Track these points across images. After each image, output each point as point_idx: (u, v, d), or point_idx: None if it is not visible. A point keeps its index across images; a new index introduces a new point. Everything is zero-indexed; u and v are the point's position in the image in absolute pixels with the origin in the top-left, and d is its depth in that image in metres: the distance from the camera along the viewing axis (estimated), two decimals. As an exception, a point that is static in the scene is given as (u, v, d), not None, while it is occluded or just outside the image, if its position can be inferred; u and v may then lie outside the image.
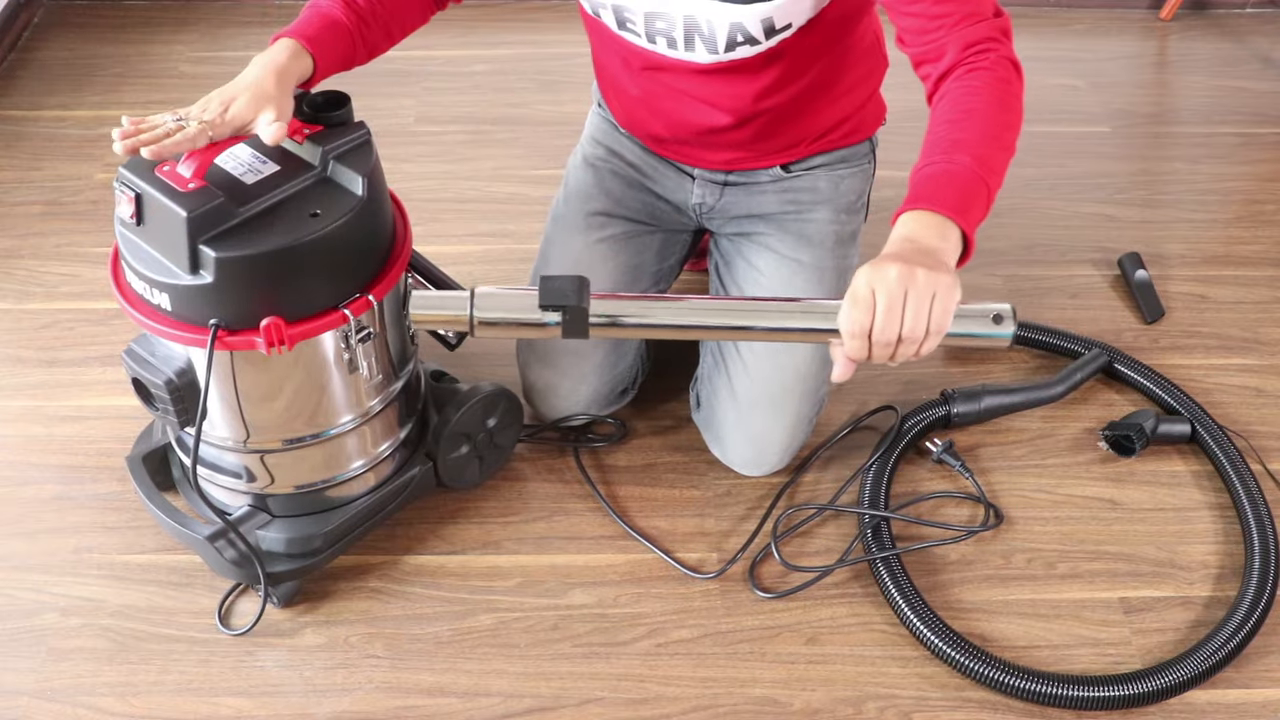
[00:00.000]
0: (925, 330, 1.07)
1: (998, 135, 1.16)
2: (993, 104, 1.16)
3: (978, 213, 1.13)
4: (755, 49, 1.30)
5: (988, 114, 1.16)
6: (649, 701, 1.37)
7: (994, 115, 1.16)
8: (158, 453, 1.49)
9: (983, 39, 1.19)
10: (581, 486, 1.61)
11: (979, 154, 1.14)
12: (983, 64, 1.18)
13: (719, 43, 1.29)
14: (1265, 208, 2.15)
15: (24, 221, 2.04)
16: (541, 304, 1.18)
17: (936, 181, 1.13)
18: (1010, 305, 1.17)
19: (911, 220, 1.12)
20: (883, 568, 1.47)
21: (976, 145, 1.14)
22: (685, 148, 1.53)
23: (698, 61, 1.33)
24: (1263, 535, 1.51)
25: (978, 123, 1.16)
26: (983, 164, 1.14)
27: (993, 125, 1.16)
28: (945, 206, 1.11)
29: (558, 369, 1.58)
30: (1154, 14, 2.71)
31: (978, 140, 1.15)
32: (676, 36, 1.31)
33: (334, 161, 1.24)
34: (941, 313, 1.07)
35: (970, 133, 1.15)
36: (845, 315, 1.09)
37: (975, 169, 1.13)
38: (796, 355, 1.51)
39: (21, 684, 1.37)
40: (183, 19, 2.60)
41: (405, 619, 1.45)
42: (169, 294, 1.19)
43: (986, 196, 1.14)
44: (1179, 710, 1.37)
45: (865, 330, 1.08)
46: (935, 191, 1.12)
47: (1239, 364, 1.81)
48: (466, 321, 1.23)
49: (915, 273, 1.06)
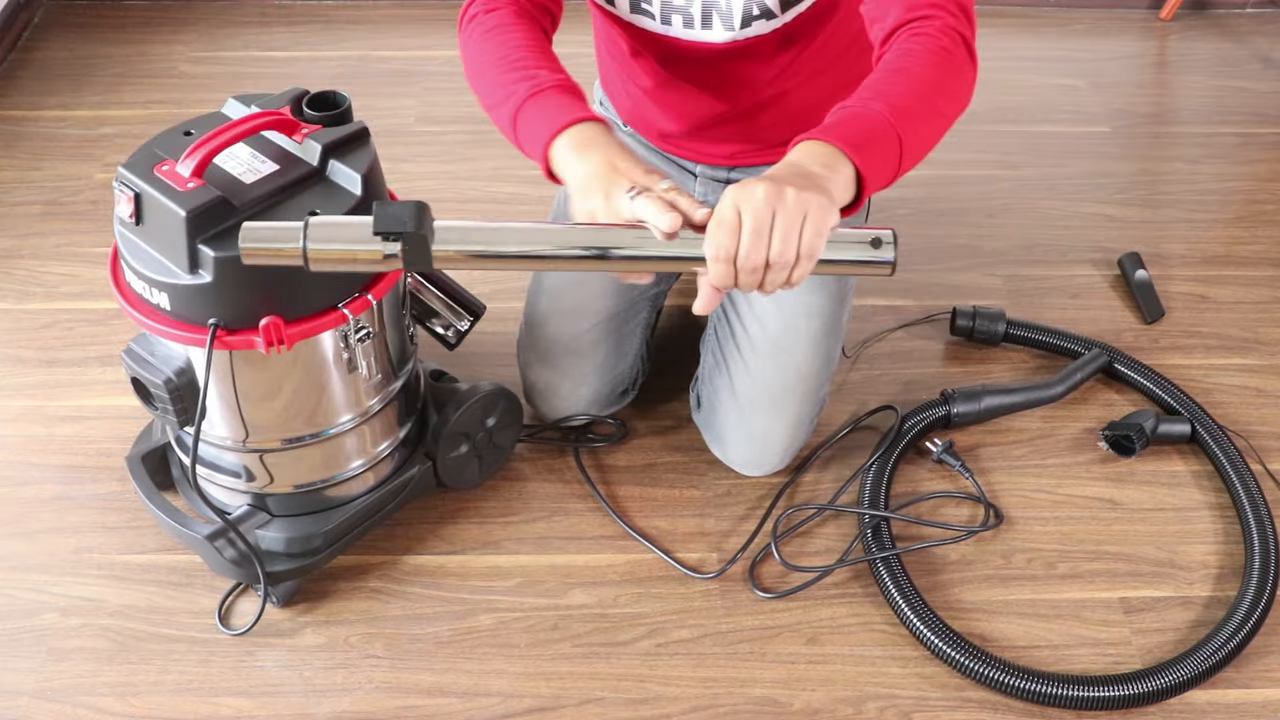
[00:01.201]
0: (795, 254, 0.99)
1: (924, 95, 1.10)
2: (927, 66, 1.10)
3: (879, 158, 1.06)
4: (771, 24, 1.29)
5: (918, 74, 1.10)
6: (649, 701, 1.37)
7: (925, 76, 1.10)
8: (157, 452, 1.49)
9: (932, 5, 1.14)
10: (581, 486, 1.61)
11: (897, 105, 1.07)
12: (927, 29, 1.13)
13: (735, 17, 1.29)
14: (1265, 208, 2.15)
15: (24, 221, 2.04)
16: (376, 230, 1.01)
17: (841, 120, 1.07)
18: (891, 230, 1.05)
19: (800, 149, 1.05)
20: (883, 568, 1.47)
21: (897, 98, 1.08)
22: (689, 141, 1.52)
23: (713, 41, 1.32)
24: (1263, 535, 1.51)
25: (905, 80, 1.10)
26: (898, 114, 1.07)
27: (921, 84, 1.10)
28: (840, 140, 1.04)
29: (558, 369, 1.58)
30: (1154, 14, 2.71)
31: (900, 94, 1.08)
32: (694, 13, 1.30)
33: (333, 161, 1.24)
34: (813, 235, 0.98)
35: (895, 87, 1.09)
36: (709, 239, 1.00)
37: (887, 116, 1.06)
38: (798, 355, 1.51)
39: (21, 684, 1.37)
40: (183, 19, 2.60)
41: (405, 619, 1.45)
42: (168, 293, 1.19)
43: (896, 148, 1.07)
44: (1179, 710, 1.37)
45: (730, 255, 0.99)
46: (835, 127, 1.06)
47: (1239, 364, 1.81)
48: (299, 254, 1.04)
49: (784, 192, 0.98)
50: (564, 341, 1.57)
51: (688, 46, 1.35)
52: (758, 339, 1.52)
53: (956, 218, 2.09)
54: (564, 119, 1.13)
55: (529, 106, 1.17)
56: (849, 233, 1.04)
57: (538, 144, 1.15)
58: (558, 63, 1.23)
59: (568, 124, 1.13)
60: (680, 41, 1.34)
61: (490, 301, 1.52)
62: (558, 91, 1.17)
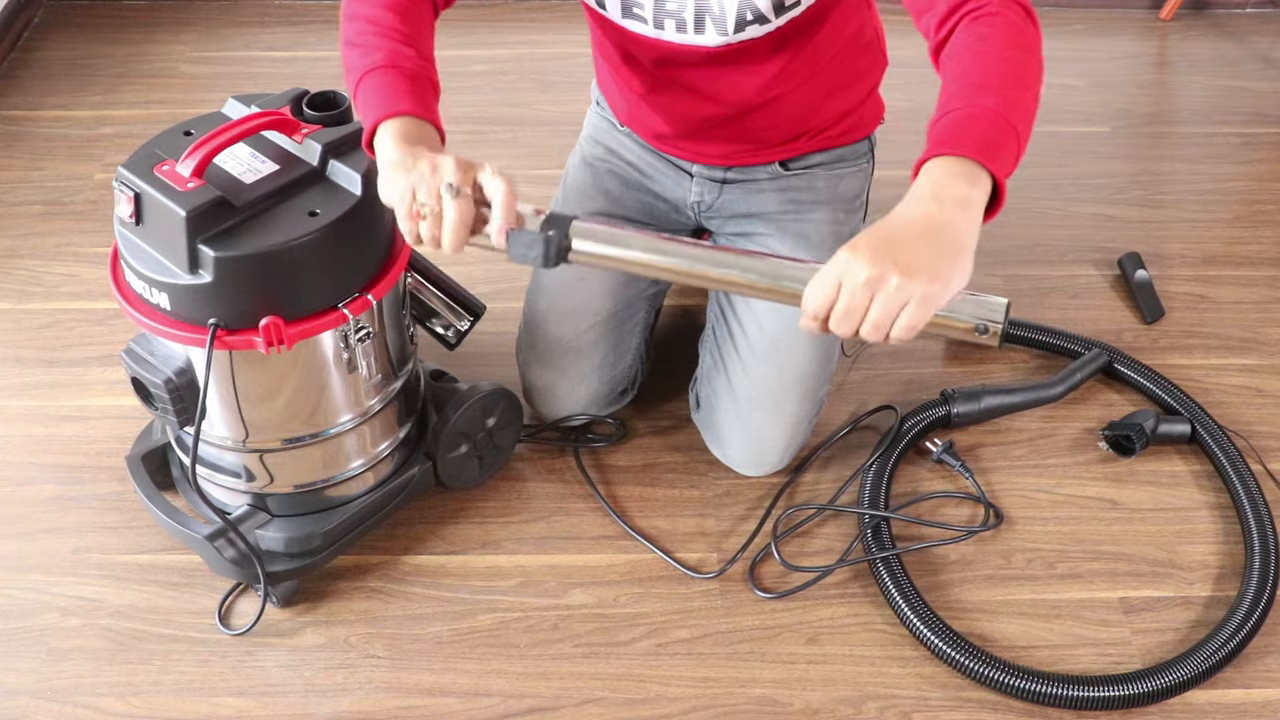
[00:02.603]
0: (885, 337, 0.98)
1: (1019, 75, 1.06)
2: (1010, 46, 1.07)
3: (1008, 158, 1.03)
4: (765, 28, 1.29)
5: (1005, 56, 1.07)
6: (649, 701, 1.37)
7: (1012, 56, 1.07)
8: (157, 452, 1.49)
9: None
10: (581, 486, 1.61)
11: (1004, 96, 1.04)
12: (988, 8, 1.10)
13: (729, 22, 1.28)
14: (1265, 208, 2.15)
15: (24, 221, 2.04)
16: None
17: (960, 126, 1.02)
18: (1004, 306, 1.03)
19: (936, 169, 1.00)
20: (883, 568, 1.47)
21: (1000, 89, 1.04)
22: (685, 141, 1.52)
23: (706, 45, 1.32)
24: (1263, 535, 1.51)
25: (995, 65, 1.06)
26: (1008, 105, 1.03)
27: (1013, 66, 1.06)
28: (971, 149, 1.00)
29: (557, 369, 1.58)
30: (1154, 14, 2.71)
31: (1000, 84, 1.04)
32: (687, 18, 1.29)
33: (333, 161, 1.24)
34: (906, 329, 0.97)
35: (990, 77, 1.05)
36: (809, 293, 1.00)
37: (1001, 111, 1.03)
38: (796, 355, 1.51)
39: (21, 684, 1.37)
40: (183, 19, 2.60)
41: (405, 619, 1.45)
42: (168, 293, 1.19)
43: (1016, 142, 1.03)
44: (1179, 710, 1.37)
45: (821, 317, 0.99)
46: (959, 135, 1.02)
47: (1239, 364, 1.81)
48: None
49: (888, 279, 0.95)
50: (563, 341, 1.57)
51: (681, 50, 1.34)
52: (756, 339, 1.52)
53: (956, 218, 2.09)
54: (391, 109, 1.14)
55: (375, 76, 1.17)
56: (958, 316, 1.01)
57: (375, 117, 1.15)
58: (406, 38, 1.21)
59: (391, 114, 1.14)
60: (673, 46, 1.34)
61: (490, 301, 1.53)
62: (389, 73, 1.17)
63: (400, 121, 1.14)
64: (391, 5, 1.23)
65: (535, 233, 1.09)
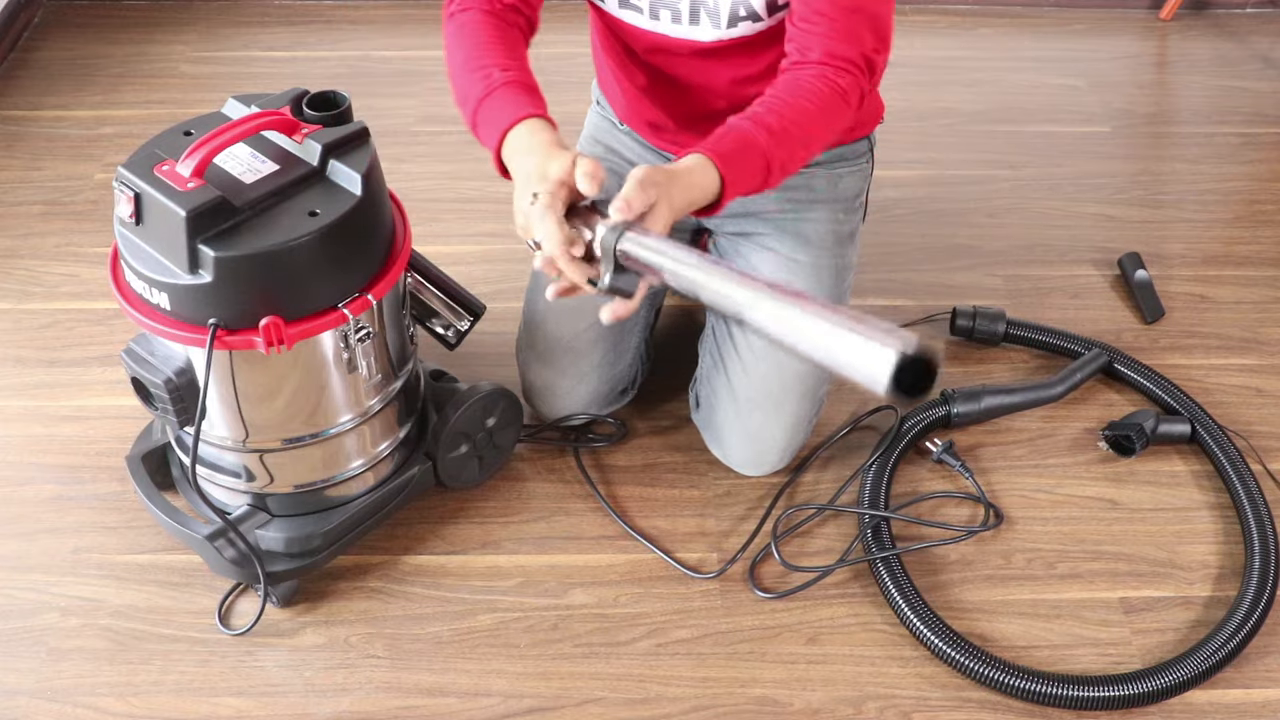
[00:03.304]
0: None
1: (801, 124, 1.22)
2: (815, 101, 1.22)
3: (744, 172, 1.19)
4: (757, 25, 1.30)
5: (804, 107, 1.22)
6: (649, 701, 1.37)
7: (810, 109, 1.22)
8: (157, 452, 1.49)
9: (846, 62, 1.23)
10: (581, 486, 1.61)
11: (772, 128, 1.20)
12: (827, 75, 1.23)
13: (722, 17, 1.30)
14: (1265, 208, 2.15)
15: (24, 221, 2.04)
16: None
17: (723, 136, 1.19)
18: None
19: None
20: (883, 568, 1.47)
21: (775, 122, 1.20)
22: (685, 138, 1.53)
23: (701, 40, 1.33)
24: (1263, 535, 1.51)
25: (789, 109, 1.21)
26: (773, 136, 1.19)
27: (803, 116, 1.21)
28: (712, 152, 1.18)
29: (557, 368, 1.58)
30: (1154, 14, 2.71)
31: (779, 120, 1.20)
32: (682, 10, 1.31)
33: (333, 161, 1.24)
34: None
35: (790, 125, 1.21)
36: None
37: (763, 139, 1.19)
38: (796, 356, 1.51)
39: (21, 684, 1.37)
40: (183, 19, 2.60)
41: (405, 619, 1.45)
42: (168, 293, 1.19)
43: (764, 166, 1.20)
44: (1179, 710, 1.37)
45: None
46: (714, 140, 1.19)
47: (1239, 364, 1.81)
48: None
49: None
50: (562, 340, 1.57)
51: (677, 44, 1.35)
52: (755, 339, 1.52)
53: (956, 218, 2.09)
54: (508, 121, 1.20)
55: (483, 108, 1.24)
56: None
57: (491, 146, 1.23)
58: (514, 58, 1.27)
59: (511, 125, 1.20)
60: (669, 39, 1.35)
61: (490, 301, 1.53)
62: (508, 89, 1.24)
63: (509, 138, 1.20)
64: (485, 40, 1.28)
65: (631, 275, 1.09)
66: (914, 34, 2.62)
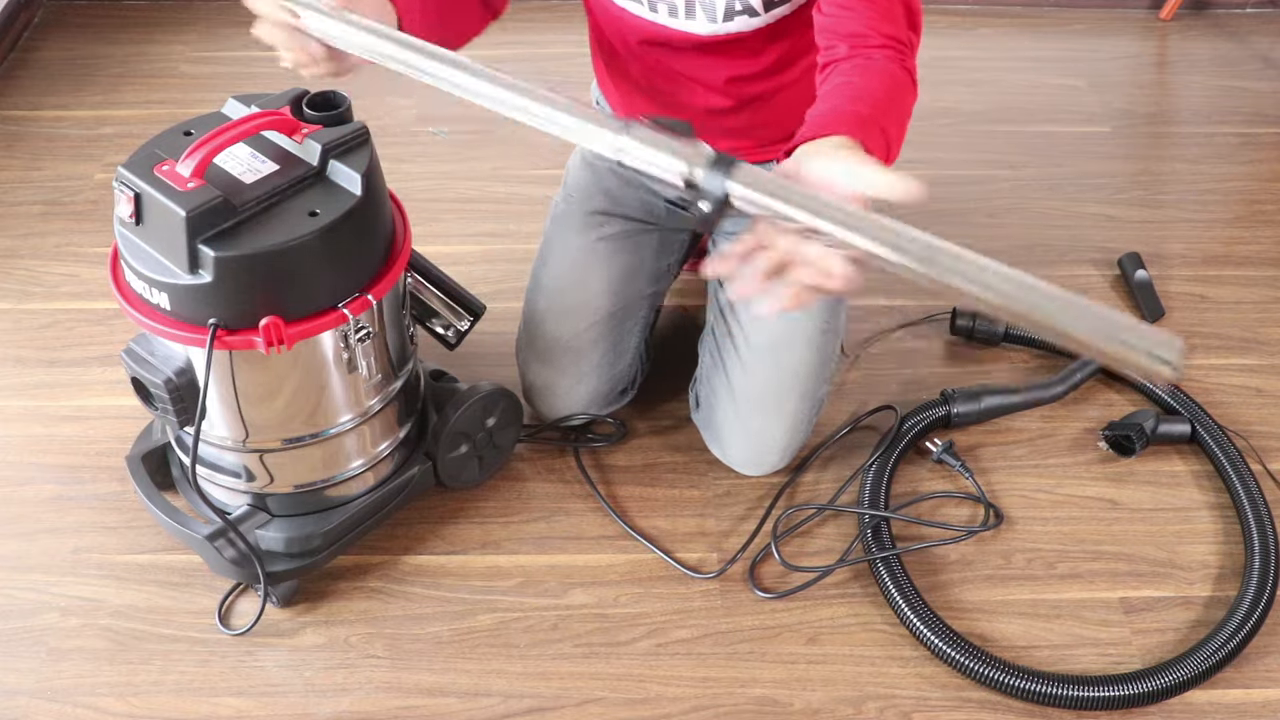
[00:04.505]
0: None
1: (893, 98, 1.12)
2: (887, 77, 1.13)
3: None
4: (754, 21, 1.30)
5: (882, 82, 1.13)
6: (649, 701, 1.37)
7: (887, 84, 1.13)
8: (157, 452, 1.49)
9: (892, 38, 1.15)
10: (581, 486, 1.61)
11: (878, 102, 1.09)
12: (875, 57, 1.15)
13: (718, 10, 1.30)
14: (1265, 208, 2.15)
15: (24, 221, 2.04)
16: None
17: (833, 112, 1.07)
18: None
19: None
20: (883, 568, 1.47)
21: (874, 100, 1.09)
22: (685, 137, 1.53)
23: (698, 33, 1.33)
24: (1263, 535, 1.51)
25: (871, 85, 1.12)
26: (880, 110, 1.09)
27: (886, 89, 1.12)
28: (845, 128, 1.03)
29: (557, 368, 1.58)
30: (1154, 14, 2.71)
31: (874, 97, 1.10)
32: (678, 2, 1.31)
33: (333, 161, 1.24)
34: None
35: (867, 91, 1.11)
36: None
37: (874, 112, 1.07)
38: (795, 354, 1.51)
39: (21, 684, 1.37)
40: (183, 19, 2.60)
41: (405, 619, 1.45)
42: (168, 293, 1.19)
43: (883, 138, 1.07)
44: (1179, 710, 1.37)
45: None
46: (830, 119, 1.05)
47: (1239, 364, 1.81)
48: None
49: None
50: (562, 340, 1.57)
51: (675, 37, 1.35)
52: (755, 338, 1.52)
53: (956, 218, 2.09)
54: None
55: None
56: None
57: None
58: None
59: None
60: (667, 31, 1.35)
61: (490, 301, 1.52)
62: None
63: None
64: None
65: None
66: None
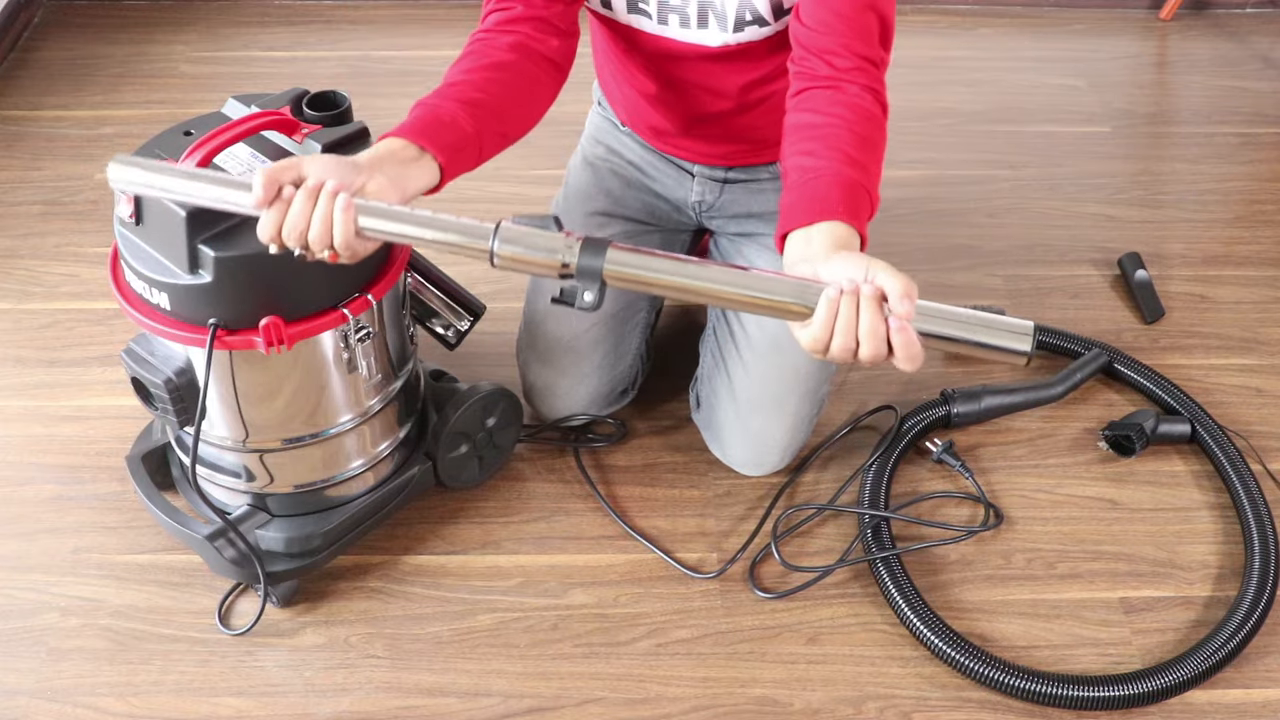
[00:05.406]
0: (885, 357, 1.00)
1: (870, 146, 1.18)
2: (860, 123, 1.17)
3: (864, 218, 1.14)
4: (764, 30, 1.30)
5: (854, 130, 1.17)
6: (649, 701, 1.37)
7: (859, 130, 1.17)
8: (157, 452, 1.49)
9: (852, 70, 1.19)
10: (581, 486, 1.61)
11: (858, 162, 1.15)
12: (848, 91, 1.18)
13: (729, 20, 1.30)
14: (1265, 208, 2.15)
15: (24, 221, 2.04)
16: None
17: (833, 191, 1.11)
18: (1028, 325, 1.03)
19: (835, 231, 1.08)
20: (883, 568, 1.47)
21: (852, 157, 1.14)
22: (685, 141, 1.53)
23: (708, 45, 1.33)
24: (1263, 535, 1.51)
25: (849, 138, 1.16)
26: (863, 172, 1.15)
27: (860, 138, 1.17)
28: (851, 216, 1.10)
29: (557, 368, 1.58)
30: (1154, 14, 2.71)
31: (852, 151, 1.15)
32: (690, 13, 1.31)
33: (333, 161, 1.24)
34: (905, 354, 0.99)
35: (844, 148, 1.15)
36: (805, 331, 1.01)
37: (861, 180, 1.14)
38: (797, 355, 1.51)
39: (21, 684, 1.37)
40: (183, 19, 2.60)
41: (405, 619, 1.45)
42: (168, 293, 1.19)
43: (869, 205, 1.15)
44: (1179, 710, 1.37)
45: (822, 349, 1.01)
46: (839, 202, 1.10)
47: (1239, 364, 1.81)
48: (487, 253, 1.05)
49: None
50: (563, 341, 1.57)
51: (683, 48, 1.35)
52: (756, 339, 1.52)
53: (956, 218, 2.09)
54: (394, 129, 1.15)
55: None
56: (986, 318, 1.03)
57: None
58: (455, 89, 1.22)
59: (387, 135, 1.15)
60: (675, 43, 1.35)
61: (490, 301, 1.53)
62: (416, 109, 1.19)
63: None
64: (490, 67, 1.24)
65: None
66: (914, 34, 2.62)
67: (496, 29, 1.28)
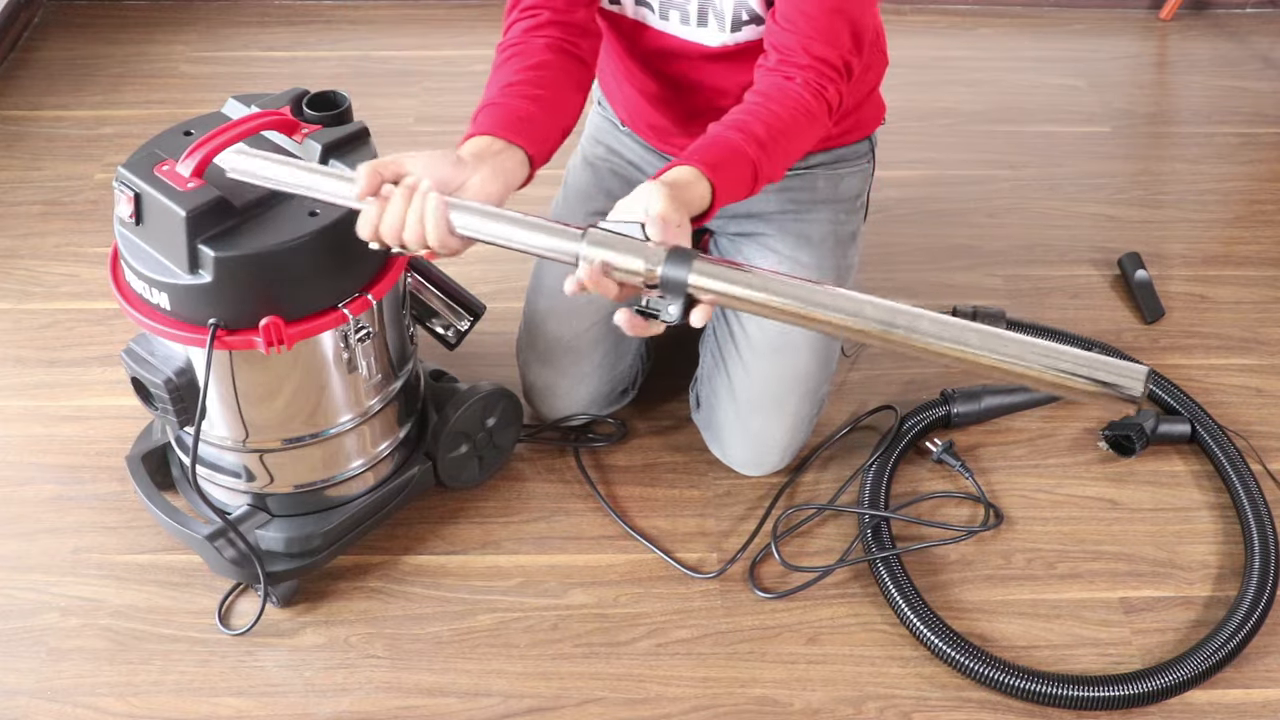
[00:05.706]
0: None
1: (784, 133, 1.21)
2: (792, 112, 1.22)
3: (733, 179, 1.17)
4: (761, 29, 1.31)
5: (781, 115, 1.21)
6: (649, 701, 1.37)
7: (786, 119, 1.21)
8: (157, 452, 1.49)
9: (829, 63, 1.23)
10: (581, 486, 1.61)
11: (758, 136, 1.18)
12: (799, 83, 1.23)
13: (727, 19, 1.31)
14: (1265, 208, 2.15)
15: (24, 221, 2.04)
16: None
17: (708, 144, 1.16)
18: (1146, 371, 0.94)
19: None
20: (883, 568, 1.47)
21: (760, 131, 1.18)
22: (686, 139, 1.52)
23: (707, 44, 1.34)
24: (1263, 535, 1.51)
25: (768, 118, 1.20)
26: (758, 145, 1.18)
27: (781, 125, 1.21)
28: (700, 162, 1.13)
29: (557, 368, 1.58)
30: (1154, 14, 2.71)
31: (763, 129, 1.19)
32: (690, 10, 1.32)
33: (333, 160, 1.24)
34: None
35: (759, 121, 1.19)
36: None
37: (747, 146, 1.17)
38: (797, 355, 1.51)
39: (21, 684, 1.37)
40: (183, 19, 2.60)
41: (405, 619, 1.45)
42: (168, 293, 1.19)
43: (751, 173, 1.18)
44: (1179, 710, 1.37)
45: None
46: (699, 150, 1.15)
47: (1239, 364, 1.81)
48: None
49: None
50: (563, 341, 1.57)
51: (684, 47, 1.36)
52: (756, 339, 1.52)
53: (956, 218, 2.09)
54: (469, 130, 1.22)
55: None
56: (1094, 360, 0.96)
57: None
58: (514, 88, 1.26)
59: (469, 135, 1.22)
60: (676, 41, 1.35)
61: (490, 301, 1.53)
62: (487, 109, 1.24)
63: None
64: (537, 67, 1.27)
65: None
66: (914, 34, 2.62)
67: (527, 35, 1.30)
